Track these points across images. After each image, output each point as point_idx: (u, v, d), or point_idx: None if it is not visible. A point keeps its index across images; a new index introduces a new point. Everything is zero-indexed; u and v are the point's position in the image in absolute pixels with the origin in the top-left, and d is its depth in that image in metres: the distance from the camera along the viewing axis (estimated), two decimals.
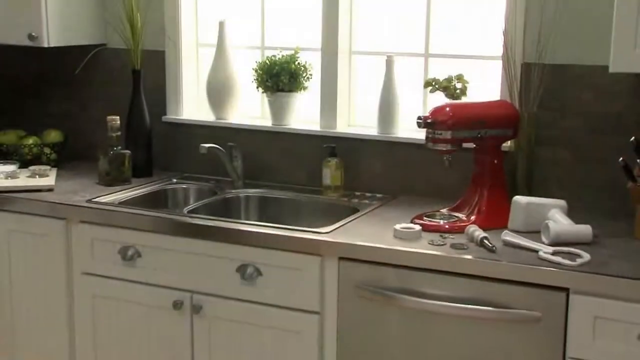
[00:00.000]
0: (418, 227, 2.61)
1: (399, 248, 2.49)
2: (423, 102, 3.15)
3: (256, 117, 3.47)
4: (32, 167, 3.29)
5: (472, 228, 2.56)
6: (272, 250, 2.65)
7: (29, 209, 3.04)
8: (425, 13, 3.12)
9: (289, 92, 3.26)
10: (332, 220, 2.76)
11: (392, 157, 3.14)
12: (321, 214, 3.02)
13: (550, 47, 2.82)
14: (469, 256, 2.42)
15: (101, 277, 2.95)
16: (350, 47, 3.24)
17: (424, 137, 2.73)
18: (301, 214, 3.10)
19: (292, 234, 2.64)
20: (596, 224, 2.57)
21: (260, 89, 3.30)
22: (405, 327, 2.51)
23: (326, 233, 2.63)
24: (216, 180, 3.35)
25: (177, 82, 3.49)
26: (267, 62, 3.26)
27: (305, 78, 3.26)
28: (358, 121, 3.31)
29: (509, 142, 2.86)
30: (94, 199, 3.02)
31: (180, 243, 2.79)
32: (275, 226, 2.72)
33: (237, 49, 3.44)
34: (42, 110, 3.78)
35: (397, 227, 2.60)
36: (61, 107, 3.75)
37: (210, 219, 2.81)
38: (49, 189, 3.14)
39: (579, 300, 2.29)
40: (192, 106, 3.54)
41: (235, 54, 3.41)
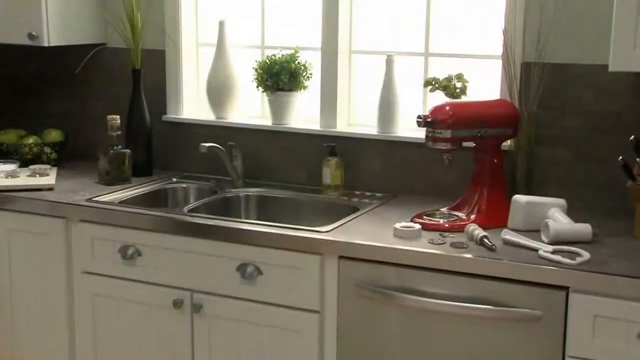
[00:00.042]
0: (418, 226, 2.61)
1: (399, 247, 2.50)
2: (423, 101, 3.15)
3: (256, 117, 3.47)
4: (33, 167, 3.29)
5: (472, 227, 2.56)
6: (272, 249, 2.65)
7: (29, 208, 3.04)
8: (425, 12, 3.12)
9: (289, 91, 3.26)
10: (332, 220, 2.76)
11: (392, 157, 3.14)
12: (321, 213, 3.03)
13: (550, 46, 2.82)
14: (468, 255, 2.42)
15: (101, 276, 2.95)
16: (350, 47, 3.24)
17: (423, 136, 2.73)
18: (301, 213, 3.10)
19: (292, 233, 2.64)
20: (596, 222, 2.57)
21: (260, 88, 3.30)
22: (405, 326, 2.52)
23: (326, 232, 2.63)
24: (216, 180, 3.35)
25: (177, 82, 3.49)
26: (267, 61, 3.26)
27: (305, 77, 3.26)
28: (358, 120, 3.31)
29: (509, 141, 2.86)
30: (94, 198, 3.02)
31: (180, 242, 2.80)
32: (275, 225, 2.72)
33: (237, 48, 3.44)
34: (43, 109, 3.78)
35: (397, 226, 2.60)
36: (61, 106, 3.75)
37: (210, 218, 2.82)
38: (49, 188, 3.14)
39: (578, 299, 2.29)
40: (192, 105, 3.54)
41: (235, 53, 3.41)
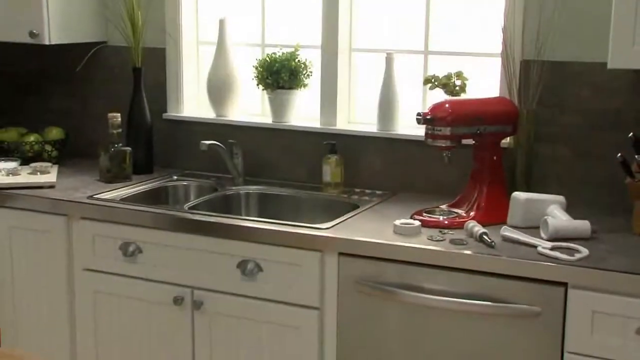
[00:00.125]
0: (417, 223, 2.62)
1: (398, 243, 2.50)
2: (423, 99, 3.16)
3: (256, 114, 3.48)
4: (34, 164, 3.30)
5: (471, 224, 2.57)
6: (273, 246, 2.66)
7: (30, 206, 3.05)
8: (424, 10, 3.12)
9: (289, 89, 3.27)
10: (332, 217, 2.77)
11: (391, 154, 3.15)
12: (321, 210, 3.03)
13: (549, 44, 2.82)
14: (468, 251, 2.43)
15: (102, 273, 2.96)
16: (350, 45, 3.25)
17: (423, 133, 2.74)
18: (301, 210, 3.11)
19: (293, 230, 2.65)
20: (595, 219, 2.58)
21: (261, 86, 3.31)
22: (404, 322, 2.52)
23: (326, 229, 2.63)
24: (217, 177, 3.35)
25: (178, 80, 3.49)
26: (268, 59, 3.27)
27: (306, 75, 3.27)
28: (358, 118, 3.31)
29: (508, 138, 2.87)
30: (95, 196, 3.03)
31: (181, 239, 2.80)
32: (275, 222, 2.72)
33: (238, 46, 3.44)
34: (43, 107, 3.79)
35: (397, 222, 2.61)
36: (62, 104, 3.75)
37: (211, 215, 2.82)
38: (50, 186, 3.15)
39: (577, 295, 2.30)
40: (192, 103, 3.55)
41: (235, 51, 3.42)
